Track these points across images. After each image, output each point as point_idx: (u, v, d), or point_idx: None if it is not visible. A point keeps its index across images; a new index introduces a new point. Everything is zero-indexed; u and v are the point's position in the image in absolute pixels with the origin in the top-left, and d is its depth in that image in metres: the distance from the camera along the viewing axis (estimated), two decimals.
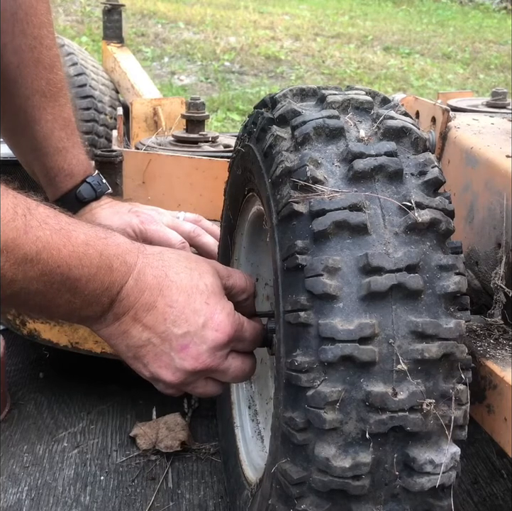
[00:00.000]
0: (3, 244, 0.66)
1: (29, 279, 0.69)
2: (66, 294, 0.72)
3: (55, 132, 1.12)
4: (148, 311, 0.76)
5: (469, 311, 0.66)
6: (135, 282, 0.76)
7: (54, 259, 0.70)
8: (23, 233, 0.68)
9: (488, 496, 1.10)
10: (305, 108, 0.73)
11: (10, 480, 1.10)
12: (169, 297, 0.77)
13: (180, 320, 0.76)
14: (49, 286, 0.70)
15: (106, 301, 0.75)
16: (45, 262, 0.69)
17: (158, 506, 1.05)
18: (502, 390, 0.70)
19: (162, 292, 0.77)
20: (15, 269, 0.67)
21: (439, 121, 0.97)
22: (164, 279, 0.77)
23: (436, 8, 9.54)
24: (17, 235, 0.67)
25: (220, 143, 1.57)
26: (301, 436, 0.64)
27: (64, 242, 0.71)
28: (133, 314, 0.76)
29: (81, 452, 1.17)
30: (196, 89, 4.80)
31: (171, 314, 0.76)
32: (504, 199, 0.80)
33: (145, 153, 1.39)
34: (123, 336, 0.77)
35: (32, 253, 0.68)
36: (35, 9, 1.06)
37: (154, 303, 0.76)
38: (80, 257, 0.72)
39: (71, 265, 0.71)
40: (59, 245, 0.70)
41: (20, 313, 1.26)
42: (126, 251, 0.77)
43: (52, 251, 0.70)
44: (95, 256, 0.73)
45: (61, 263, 0.70)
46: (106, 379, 1.35)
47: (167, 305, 0.76)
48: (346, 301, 0.62)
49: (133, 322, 0.76)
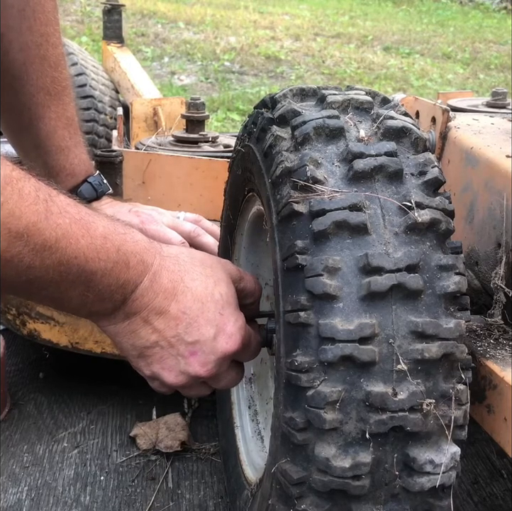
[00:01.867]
0: (24, 227, 0.64)
1: (46, 267, 0.67)
2: (80, 286, 0.71)
3: (58, 130, 1.12)
4: (160, 315, 0.75)
5: (469, 311, 0.67)
6: (150, 283, 0.75)
7: (72, 249, 0.68)
8: (44, 219, 0.66)
9: (488, 496, 1.10)
10: (305, 108, 0.73)
11: (11, 480, 1.10)
12: (183, 303, 0.76)
13: (192, 328, 0.76)
14: (65, 277, 0.69)
15: (119, 298, 0.74)
16: (63, 251, 0.67)
17: (158, 506, 1.05)
18: (502, 390, 0.70)
19: (176, 297, 0.76)
20: (34, 255, 0.66)
21: (439, 121, 0.97)
22: (179, 284, 0.76)
23: (436, 8, 9.54)
24: (38, 220, 0.65)
25: (220, 143, 1.57)
26: (301, 436, 0.64)
27: (82, 233, 0.69)
28: (145, 315, 0.75)
29: (81, 452, 1.17)
30: (196, 89, 4.80)
31: (183, 320, 0.75)
32: (504, 199, 0.80)
33: (145, 153, 1.39)
34: (130, 335, 0.76)
35: (52, 239, 0.67)
36: (42, 6, 1.06)
37: (168, 307, 0.75)
38: (98, 250, 0.70)
39: (88, 257, 0.69)
40: (78, 236, 0.69)
41: (20, 313, 1.26)
42: (144, 250, 0.75)
43: (71, 240, 0.68)
44: (112, 251, 0.72)
45: (78, 254, 0.69)
46: (106, 379, 1.35)
47: (180, 311, 0.76)
48: (346, 301, 0.62)
49: (144, 323, 0.75)
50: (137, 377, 0.81)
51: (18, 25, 1.05)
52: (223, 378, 0.80)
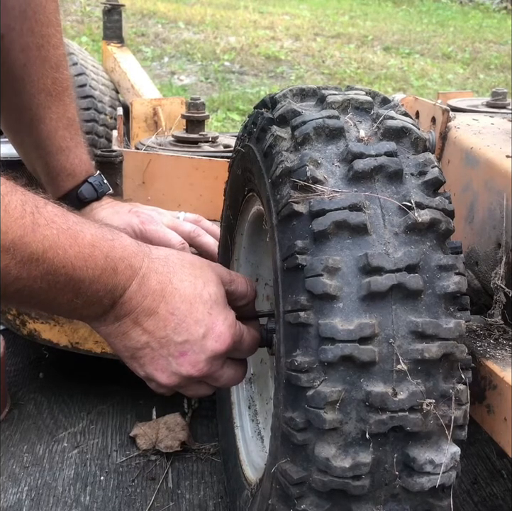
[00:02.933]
0: (10, 242, 0.65)
1: (33, 277, 0.68)
2: (68, 293, 0.72)
3: (59, 131, 1.12)
4: (149, 316, 0.76)
5: (469, 311, 0.66)
6: (138, 286, 0.75)
7: (59, 259, 0.69)
8: (31, 232, 0.67)
9: (488, 496, 1.10)
10: (305, 109, 0.73)
11: (11, 480, 1.10)
12: (172, 304, 0.76)
13: (181, 328, 0.76)
14: (53, 285, 0.70)
15: (108, 303, 0.75)
16: (51, 262, 0.68)
17: (158, 506, 1.05)
18: (502, 390, 0.70)
19: (164, 298, 0.76)
20: (21, 267, 0.67)
21: (439, 121, 0.97)
22: (167, 285, 0.77)
23: (436, 8, 9.54)
24: (24, 233, 0.66)
25: (220, 143, 1.57)
26: (301, 436, 0.64)
27: (70, 242, 0.70)
28: (134, 317, 0.76)
29: (81, 452, 1.17)
30: (196, 89, 4.80)
31: (172, 321, 0.76)
32: (504, 199, 0.80)
33: (145, 153, 1.39)
34: (121, 336, 0.77)
35: (39, 251, 0.68)
36: (43, 7, 1.06)
37: (156, 309, 0.76)
38: (85, 259, 0.71)
39: (76, 265, 0.70)
40: (66, 245, 0.70)
41: (20, 313, 1.26)
42: (132, 254, 0.76)
43: (59, 251, 0.69)
44: (100, 258, 0.72)
45: (66, 263, 0.70)
46: (106, 379, 1.35)
47: (168, 312, 0.76)
48: (346, 302, 0.62)
49: (133, 325, 0.76)
50: (137, 377, 0.82)
51: (19, 26, 1.05)
52: (220, 377, 0.80)
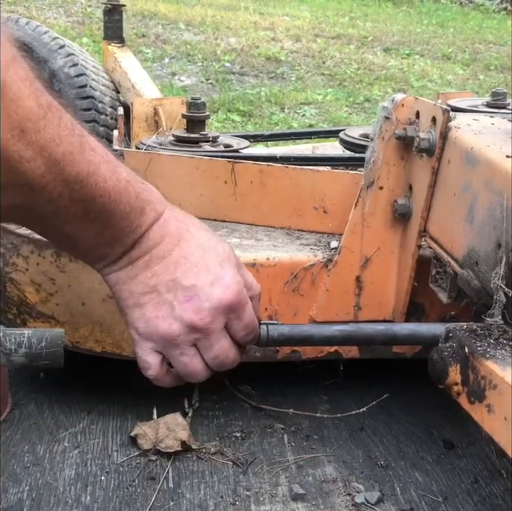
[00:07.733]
0: (61, 155, 0.65)
1: (73, 200, 0.68)
2: (98, 225, 0.73)
3: None
4: (162, 259, 0.78)
5: None
6: (158, 228, 0.78)
7: (99, 187, 0.70)
8: (79, 152, 0.67)
9: (488, 496, 1.10)
10: None
11: (11, 480, 1.10)
12: (185, 250, 0.78)
13: (191, 272, 0.77)
14: (87, 213, 0.71)
15: (130, 242, 0.76)
16: (91, 188, 0.69)
17: (158, 506, 1.05)
18: (502, 390, 0.70)
19: (180, 242, 0.78)
20: (65, 186, 0.67)
21: (439, 121, 0.97)
22: (184, 231, 0.79)
23: (436, 9, 9.53)
24: (74, 151, 0.67)
25: (220, 143, 1.57)
26: None
27: (110, 174, 0.71)
28: (148, 259, 0.77)
29: (82, 452, 1.17)
30: (197, 89, 4.80)
31: (183, 265, 0.78)
32: (504, 199, 0.80)
33: (145, 153, 1.39)
34: (130, 281, 0.78)
35: (84, 174, 0.68)
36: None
37: (171, 251, 0.78)
38: (121, 193, 0.73)
39: (112, 197, 0.72)
40: (106, 176, 0.71)
41: (20, 312, 1.26)
42: (157, 201, 0.79)
43: (99, 179, 0.70)
44: (133, 196, 0.75)
45: (104, 193, 0.71)
46: (106, 379, 1.35)
47: (181, 256, 0.78)
48: None
49: (144, 267, 0.78)
50: (137, 377, 0.82)
51: None
52: (215, 342, 0.80)
